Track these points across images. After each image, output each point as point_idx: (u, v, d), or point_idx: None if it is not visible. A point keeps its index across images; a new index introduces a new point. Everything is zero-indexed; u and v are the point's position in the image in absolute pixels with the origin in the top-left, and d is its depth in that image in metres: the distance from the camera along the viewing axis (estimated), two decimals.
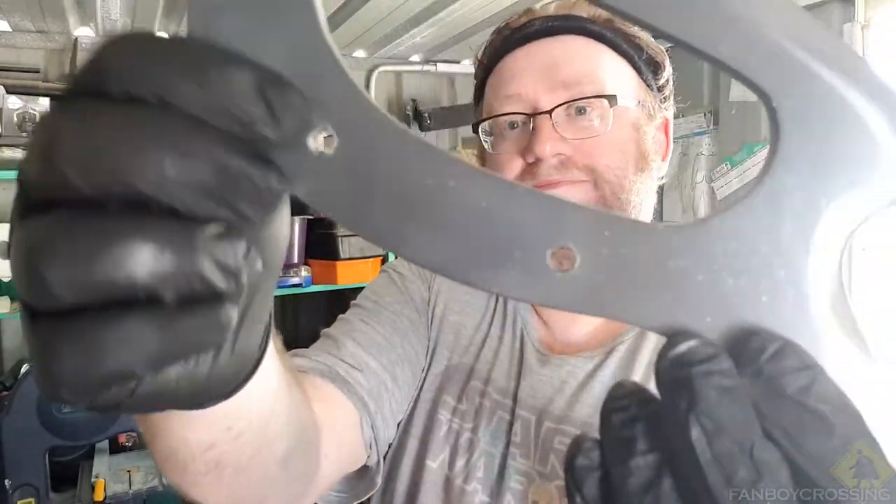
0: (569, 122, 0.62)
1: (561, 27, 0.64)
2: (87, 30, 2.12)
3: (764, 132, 2.08)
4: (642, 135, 0.64)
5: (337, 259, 2.17)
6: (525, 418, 0.64)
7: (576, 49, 0.63)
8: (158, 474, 1.74)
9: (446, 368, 0.70)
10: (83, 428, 1.62)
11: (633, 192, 0.63)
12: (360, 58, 2.56)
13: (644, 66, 0.66)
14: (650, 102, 0.66)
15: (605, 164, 0.61)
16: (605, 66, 0.63)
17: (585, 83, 0.61)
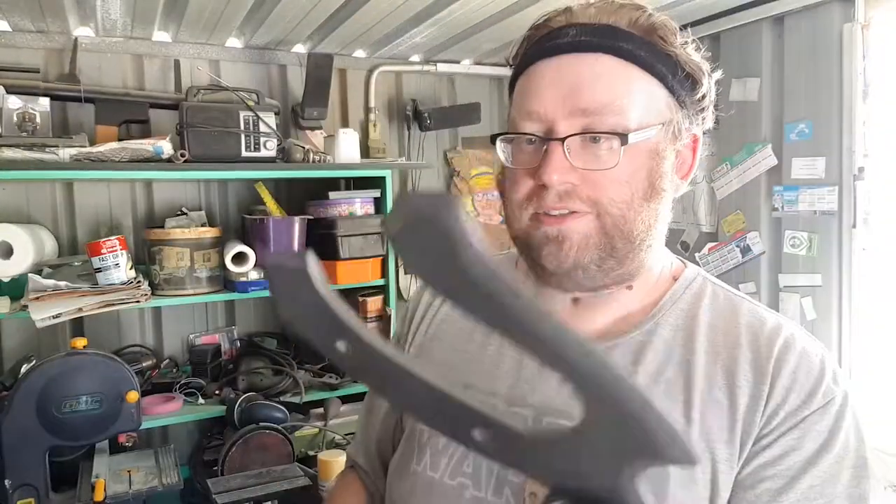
0: (582, 149, 0.63)
1: (592, 44, 0.63)
2: (86, 29, 2.12)
3: (764, 132, 2.08)
4: (658, 162, 0.65)
5: (337, 259, 2.17)
6: (522, 415, 0.68)
7: (603, 72, 0.63)
8: (158, 474, 1.74)
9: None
10: (83, 428, 1.62)
11: (637, 222, 0.65)
12: (360, 58, 2.56)
13: (678, 85, 0.66)
14: (679, 121, 0.66)
15: (610, 198, 0.64)
16: (631, 92, 0.63)
17: (606, 112, 0.62)
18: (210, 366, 2.23)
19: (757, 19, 2.04)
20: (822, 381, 0.64)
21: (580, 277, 0.67)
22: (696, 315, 0.70)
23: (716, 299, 0.72)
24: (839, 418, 0.63)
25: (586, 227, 0.65)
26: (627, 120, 0.62)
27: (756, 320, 0.68)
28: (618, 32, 0.64)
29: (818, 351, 0.67)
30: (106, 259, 1.87)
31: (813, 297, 1.97)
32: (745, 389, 0.64)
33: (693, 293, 0.72)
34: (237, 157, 2.03)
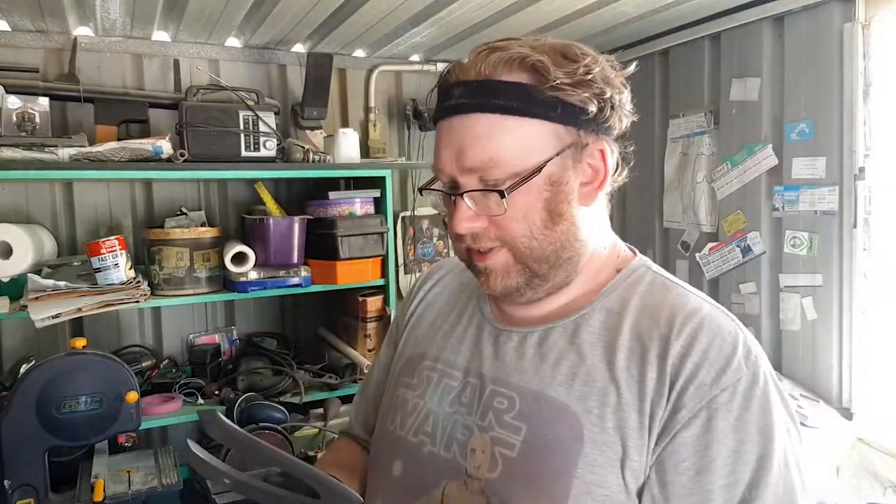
0: (481, 199, 0.74)
1: (472, 105, 0.73)
2: (86, 29, 2.12)
3: (764, 132, 2.08)
4: (557, 190, 0.73)
5: (337, 259, 2.16)
6: (473, 384, 0.81)
7: (481, 133, 0.72)
8: (158, 474, 1.74)
9: (409, 358, 0.91)
10: (82, 428, 1.61)
11: (546, 245, 0.75)
12: (360, 57, 2.55)
13: (565, 114, 0.72)
14: (579, 142, 0.74)
15: (511, 235, 0.74)
16: (509, 144, 0.71)
17: (487, 168, 0.72)
18: (210, 366, 2.23)
19: (757, 19, 2.04)
20: (734, 359, 0.69)
21: (516, 297, 0.79)
22: (630, 299, 0.78)
23: (652, 286, 0.79)
24: (748, 397, 0.68)
25: (504, 260, 0.76)
26: (506, 170, 0.72)
27: (679, 302, 0.75)
28: (494, 87, 0.72)
29: (733, 331, 0.72)
30: (105, 259, 1.86)
31: (813, 297, 1.97)
32: (653, 362, 0.71)
33: (632, 281, 0.80)
34: (237, 157, 2.03)
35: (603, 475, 0.69)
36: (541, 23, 2.17)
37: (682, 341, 0.71)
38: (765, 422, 0.68)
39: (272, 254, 2.10)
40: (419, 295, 0.99)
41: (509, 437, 0.74)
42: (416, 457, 0.81)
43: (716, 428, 0.68)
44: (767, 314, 2.11)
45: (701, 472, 0.68)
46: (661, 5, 2.03)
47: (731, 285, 2.21)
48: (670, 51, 2.40)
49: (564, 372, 0.75)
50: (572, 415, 0.72)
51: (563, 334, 0.78)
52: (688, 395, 0.68)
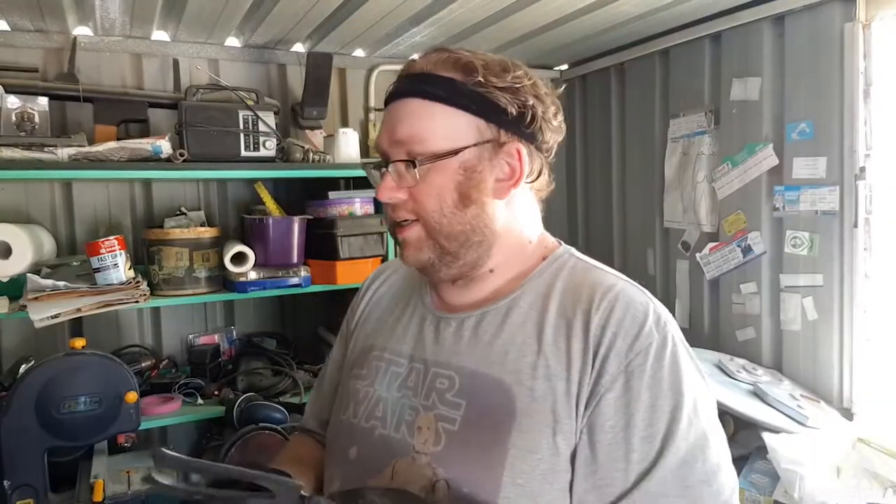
0: (404, 173, 0.83)
1: (405, 91, 0.85)
2: (85, 29, 2.11)
3: (765, 132, 2.08)
4: (470, 176, 0.82)
5: (336, 259, 2.16)
6: (418, 368, 0.88)
7: (410, 111, 0.84)
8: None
9: (360, 351, 0.99)
10: (82, 428, 1.61)
11: (455, 224, 0.83)
12: (360, 57, 2.55)
13: (487, 110, 0.83)
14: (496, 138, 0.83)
15: (425, 208, 0.83)
16: (433, 125, 0.82)
17: (413, 142, 0.82)
18: (209, 366, 2.23)
19: (757, 18, 2.04)
20: (645, 325, 0.78)
21: (433, 270, 0.87)
22: (555, 283, 0.87)
23: (574, 270, 0.88)
24: (659, 358, 0.77)
25: (417, 234, 0.85)
26: (430, 146, 0.82)
27: (597, 281, 0.85)
28: (427, 78, 0.84)
29: (644, 301, 0.81)
30: (105, 259, 1.86)
31: (814, 297, 1.96)
32: (578, 335, 0.80)
33: (556, 267, 0.89)
34: (236, 157, 2.03)
35: (535, 441, 0.77)
36: (540, 23, 2.17)
37: (601, 314, 0.80)
38: (675, 378, 0.77)
39: (272, 254, 2.09)
40: (367, 294, 1.06)
41: (451, 413, 0.82)
42: (369, 440, 0.87)
43: (633, 388, 0.76)
44: (768, 314, 2.10)
45: (623, 428, 0.76)
46: (662, 5, 2.03)
47: (732, 285, 2.21)
48: (671, 50, 2.39)
49: (498, 351, 0.83)
50: (506, 388, 0.80)
51: (496, 317, 0.86)
52: (609, 362, 0.77)
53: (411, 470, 0.81)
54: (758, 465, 1.70)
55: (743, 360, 2.08)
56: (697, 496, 0.75)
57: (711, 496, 0.75)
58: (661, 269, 2.52)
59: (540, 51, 2.58)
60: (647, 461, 0.75)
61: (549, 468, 0.77)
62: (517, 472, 0.76)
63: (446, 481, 0.79)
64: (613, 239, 2.74)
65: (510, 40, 2.39)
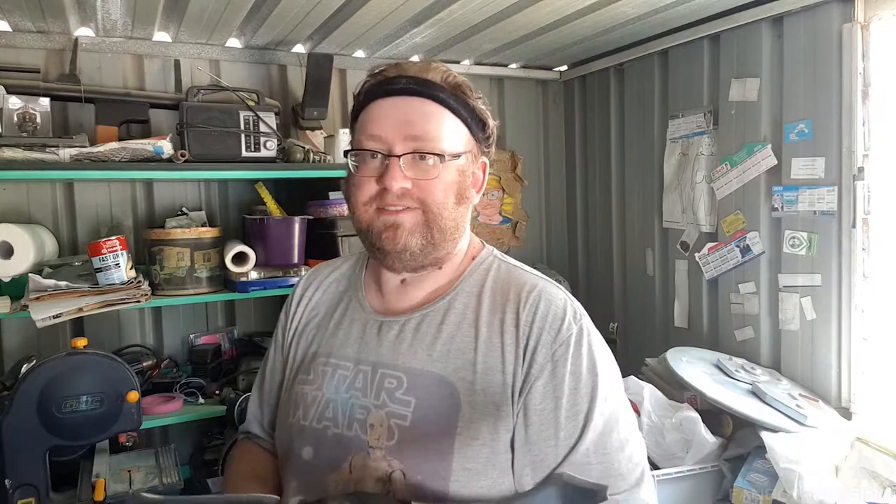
0: (412, 164, 0.89)
1: (418, 90, 0.91)
2: (87, 30, 2.12)
3: (763, 132, 2.08)
4: (464, 177, 0.93)
5: None
6: (364, 370, 0.94)
7: (426, 111, 0.91)
8: (159, 474, 1.75)
9: (303, 358, 1.03)
10: (83, 428, 1.62)
11: (449, 219, 0.92)
12: (360, 58, 2.56)
13: (475, 126, 0.95)
14: (475, 151, 0.96)
15: (432, 199, 0.90)
16: (444, 127, 0.91)
17: (428, 139, 0.89)
18: (210, 366, 2.24)
19: (756, 19, 2.05)
20: (565, 319, 0.90)
21: (406, 258, 0.92)
22: (485, 283, 0.97)
23: (499, 271, 0.99)
24: (578, 346, 0.89)
25: (415, 219, 0.91)
26: (443, 146, 0.90)
27: (520, 282, 0.95)
28: (434, 85, 0.91)
29: (562, 297, 0.93)
30: (106, 259, 1.87)
31: (812, 297, 1.97)
32: (510, 331, 0.90)
33: (484, 268, 0.99)
34: (237, 157, 2.03)
35: (477, 429, 0.86)
36: (540, 24, 2.18)
37: (527, 311, 0.91)
38: (591, 364, 0.89)
39: (272, 254, 2.10)
40: (302, 301, 1.10)
41: (401, 410, 0.89)
42: (323, 440, 0.93)
43: (558, 374, 0.88)
44: (766, 314, 2.11)
45: (552, 410, 0.87)
46: (661, 6, 2.04)
47: (731, 285, 2.21)
48: (670, 51, 2.40)
49: (440, 350, 0.91)
50: (450, 384, 0.89)
51: (434, 318, 0.94)
52: (538, 353, 0.88)
53: (367, 464, 0.88)
54: (756, 464, 1.70)
55: (741, 359, 2.08)
56: (615, 460, 0.88)
57: (626, 459, 0.89)
58: (660, 269, 2.53)
59: (539, 52, 2.59)
60: (574, 437, 0.87)
61: (491, 451, 0.86)
62: (465, 457, 0.85)
63: (402, 471, 0.87)
64: (613, 239, 2.75)
65: (510, 41, 2.40)
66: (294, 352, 1.06)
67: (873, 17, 1.82)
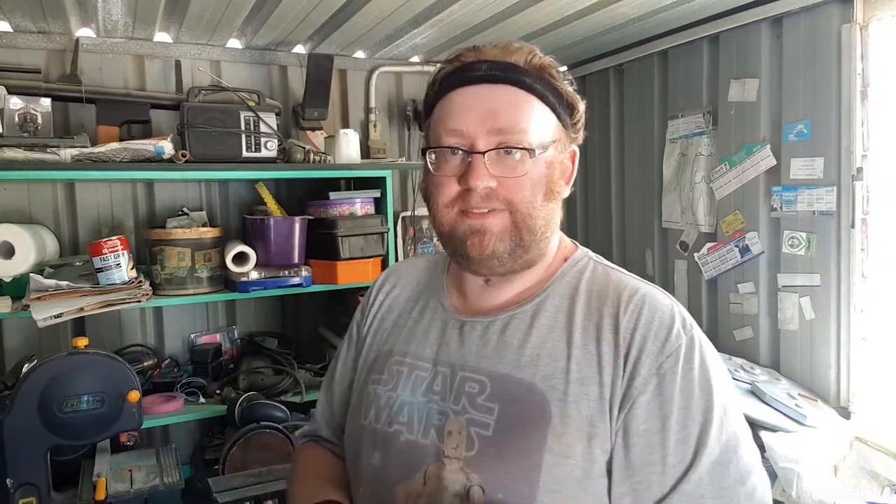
0: (497, 161, 0.80)
1: (502, 77, 0.81)
2: (88, 30, 2.13)
3: (763, 133, 2.09)
4: (553, 170, 0.83)
5: (337, 259, 2.17)
6: (444, 373, 0.86)
7: (511, 100, 0.81)
8: (160, 473, 1.75)
9: (376, 357, 0.96)
10: (84, 427, 1.62)
11: (539, 218, 0.83)
12: (361, 58, 2.56)
13: (563, 111, 0.85)
14: (564, 139, 0.85)
15: (520, 198, 0.81)
16: (532, 116, 0.81)
17: (515, 132, 0.80)
18: (211, 365, 2.24)
19: (756, 20, 2.05)
20: (673, 328, 0.79)
21: (495, 265, 0.84)
22: (578, 286, 0.87)
23: (595, 273, 0.89)
24: (689, 360, 0.78)
25: (502, 222, 0.82)
26: (531, 138, 0.80)
27: (621, 285, 0.85)
28: (518, 69, 0.81)
29: (669, 304, 0.82)
30: (107, 259, 1.87)
31: (811, 296, 1.97)
32: (607, 338, 0.80)
33: (578, 269, 0.89)
34: (238, 158, 2.04)
35: (570, 445, 0.76)
36: (541, 24, 2.18)
37: (629, 316, 0.80)
38: (705, 380, 0.77)
39: (273, 254, 2.11)
40: (379, 297, 1.03)
41: (483, 418, 0.80)
42: (394, 446, 0.85)
43: (666, 390, 0.76)
44: (765, 314, 2.12)
45: (658, 431, 0.76)
46: (661, 6, 2.04)
47: (730, 285, 2.22)
48: (669, 52, 2.40)
49: (528, 354, 0.82)
50: (539, 393, 0.79)
51: (522, 320, 0.85)
52: (641, 364, 0.77)
53: (443, 475, 0.80)
54: None
55: (741, 359, 2.09)
56: (733, 496, 0.75)
57: (746, 496, 0.76)
58: (659, 270, 2.53)
59: None
60: (684, 464, 0.75)
61: (583, 474, 0.76)
62: (554, 477, 0.75)
63: (480, 486, 0.78)
64: (612, 239, 2.75)
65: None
66: (367, 350, 0.99)
67: (872, 18, 1.82)
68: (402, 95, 2.66)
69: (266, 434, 1.88)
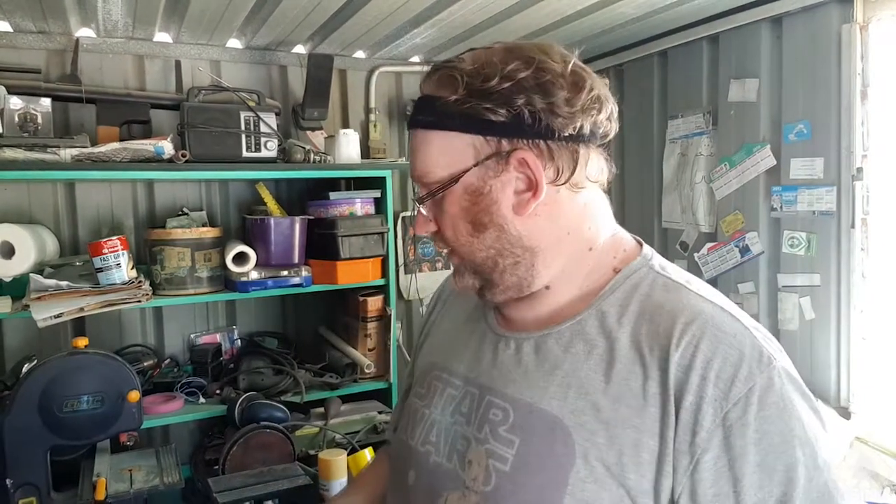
0: (432, 205, 0.78)
1: (415, 121, 0.78)
2: (88, 30, 2.13)
3: (762, 133, 2.09)
4: (477, 199, 0.75)
5: (337, 259, 2.17)
6: (472, 393, 0.80)
7: (416, 144, 0.78)
8: (159, 473, 1.75)
9: (423, 367, 0.92)
10: (84, 427, 1.62)
11: (477, 252, 0.77)
12: (361, 58, 2.56)
13: (477, 126, 0.73)
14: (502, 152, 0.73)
15: (446, 239, 0.80)
16: (432, 151, 0.76)
17: (424, 178, 0.77)
18: (211, 365, 2.24)
19: (755, 20, 2.05)
20: (741, 365, 0.65)
21: (482, 295, 0.82)
22: (629, 304, 0.74)
23: (653, 288, 0.75)
24: (763, 406, 0.64)
25: (458, 262, 0.81)
26: (432, 181, 0.76)
27: (678, 307, 0.71)
28: (424, 103, 0.77)
29: (739, 332, 0.68)
30: (107, 259, 1.87)
31: (811, 297, 1.98)
32: (654, 377, 0.68)
33: (631, 283, 0.76)
34: (238, 158, 2.04)
35: (596, 492, 0.67)
36: (540, 24, 2.18)
37: (682, 351, 0.67)
38: (786, 427, 0.64)
39: (273, 254, 2.11)
40: (440, 301, 1.01)
41: (503, 451, 0.73)
42: (425, 466, 0.81)
43: (734, 446, 0.64)
44: (765, 314, 2.11)
45: (728, 494, 0.64)
46: (660, 6, 2.04)
47: (730, 285, 2.22)
48: (669, 52, 2.40)
49: (558, 383, 0.72)
50: (565, 429, 0.70)
51: (558, 342, 0.75)
52: (702, 415, 0.64)
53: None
54: None
55: None
56: None
57: None
58: None
59: None
60: None
61: None
62: None
63: None
64: None
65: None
66: (421, 359, 0.96)
67: (872, 18, 1.82)
68: (402, 95, 2.66)
69: (266, 434, 1.88)
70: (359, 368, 2.27)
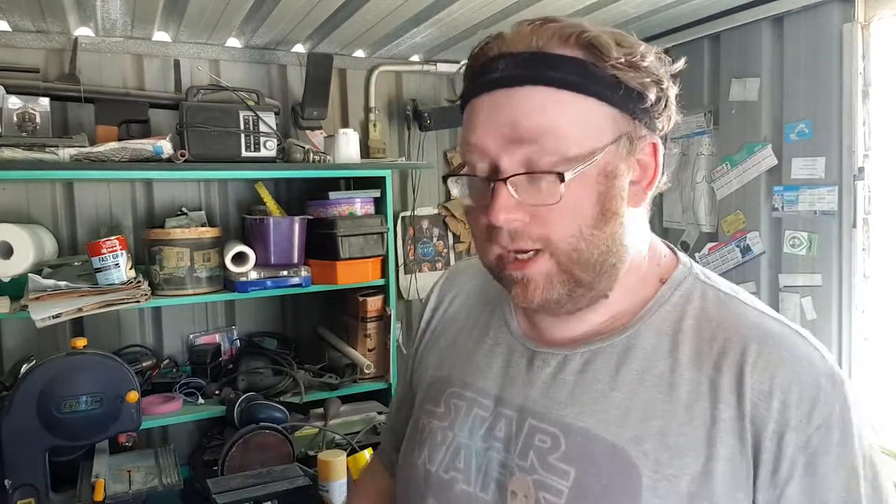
0: (528, 183, 0.63)
1: (522, 77, 0.62)
2: (87, 30, 2.12)
3: (764, 132, 2.08)
4: (610, 182, 0.64)
5: (337, 259, 2.17)
6: (509, 416, 0.71)
7: (537, 102, 0.62)
8: (158, 474, 1.74)
9: (432, 382, 0.82)
10: (83, 428, 1.62)
11: (591, 251, 0.64)
12: (360, 57, 2.56)
13: (623, 98, 0.63)
14: (633, 133, 0.64)
15: (559, 233, 0.63)
16: (568, 116, 0.62)
17: (545, 141, 0.61)
18: (210, 366, 2.24)
19: (757, 19, 2.05)
20: (820, 391, 0.61)
21: (553, 308, 0.68)
22: (682, 320, 0.68)
23: (705, 301, 0.70)
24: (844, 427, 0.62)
25: (547, 268, 0.65)
26: (566, 147, 0.61)
27: (744, 323, 0.66)
28: (548, 59, 0.62)
29: (811, 354, 0.64)
30: (106, 259, 1.87)
31: (813, 297, 1.97)
32: (727, 400, 0.62)
33: (681, 295, 0.70)
34: (237, 157, 2.03)
35: None
36: None
37: (759, 374, 0.62)
38: (867, 444, 0.63)
39: (272, 254, 2.10)
40: (440, 307, 0.89)
41: (556, 483, 0.65)
42: (448, 495, 0.72)
43: (819, 471, 0.60)
44: None
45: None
46: (661, 5, 2.03)
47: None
48: (670, 51, 2.40)
49: (615, 406, 0.65)
50: (627, 459, 0.63)
51: (608, 359, 0.68)
52: (785, 443, 0.60)
53: None
54: None
55: None
56: None
57: None
58: None
59: None
60: None
61: None
62: None
63: None
64: None
65: None
66: (423, 370, 0.85)
67: (874, 17, 1.82)
68: (402, 95, 2.66)
69: (265, 435, 1.87)
70: (358, 369, 2.26)
